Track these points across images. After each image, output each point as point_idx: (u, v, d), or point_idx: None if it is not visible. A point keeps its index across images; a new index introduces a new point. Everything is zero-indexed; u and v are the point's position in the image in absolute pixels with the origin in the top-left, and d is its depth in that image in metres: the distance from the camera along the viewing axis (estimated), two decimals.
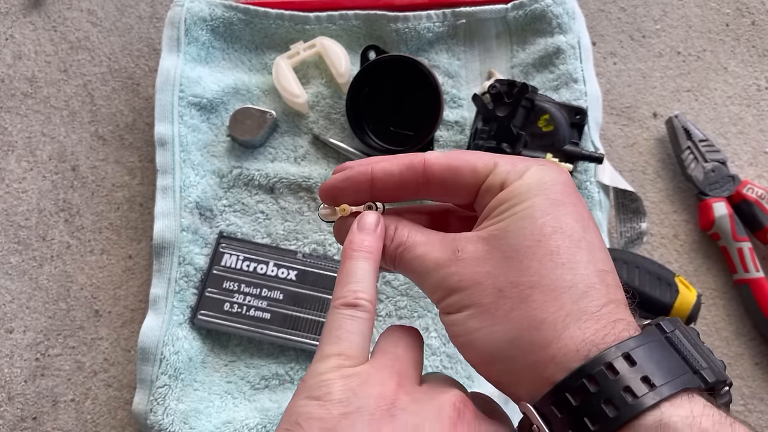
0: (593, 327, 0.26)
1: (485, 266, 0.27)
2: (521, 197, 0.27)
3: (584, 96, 0.55)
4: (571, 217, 0.27)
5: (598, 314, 0.26)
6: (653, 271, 0.48)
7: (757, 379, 0.56)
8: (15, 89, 0.62)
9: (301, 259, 0.54)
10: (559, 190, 0.28)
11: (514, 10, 0.58)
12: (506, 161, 0.29)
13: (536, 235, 0.27)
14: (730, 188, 0.57)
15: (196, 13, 0.57)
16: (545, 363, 0.25)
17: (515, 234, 0.27)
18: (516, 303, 0.26)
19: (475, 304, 0.27)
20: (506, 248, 0.27)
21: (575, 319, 0.26)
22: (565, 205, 0.28)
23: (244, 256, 0.54)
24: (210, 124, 0.57)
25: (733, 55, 0.63)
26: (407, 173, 0.29)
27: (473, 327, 0.27)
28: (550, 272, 0.26)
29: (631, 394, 0.24)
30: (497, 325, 0.26)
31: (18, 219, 0.59)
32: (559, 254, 0.26)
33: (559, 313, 0.26)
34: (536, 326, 0.26)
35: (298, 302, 0.53)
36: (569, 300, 0.26)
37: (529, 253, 0.26)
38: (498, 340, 0.26)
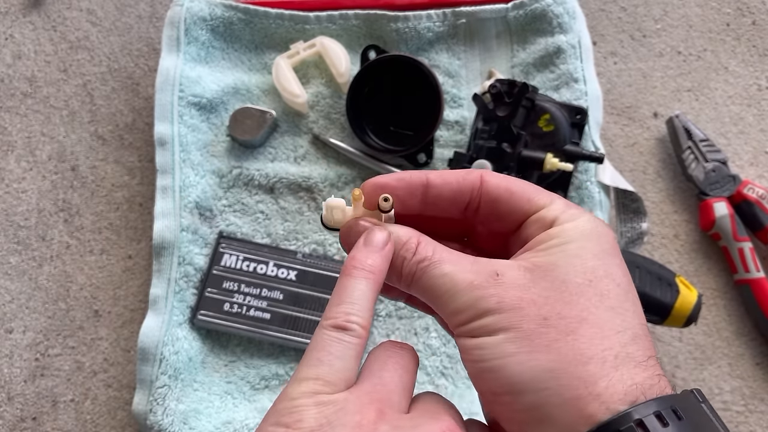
0: (642, 375, 0.24)
1: (529, 293, 0.25)
2: (573, 238, 0.27)
3: (585, 96, 0.55)
4: (620, 269, 0.27)
5: (645, 364, 0.25)
6: (654, 271, 0.48)
7: (758, 380, 0.56)
8: (15, 89, 0.62)
9: (301, 259, 0.54)
10: (610, 243, 0.27)
11: (515, 9, 0.57)
12: (563, 202, 0.28)
13: (588, 274, 0.26)
14: (731, 188, 0.57)
15: (196, 12, 0.57)
16: (589, 400, 0.24)
17: (565, 269, 0.26)
18: (562, 334, 0.25)
19: (515, 327, 0.25)
20: (554, 280, 0.26)
21: (623, 362, 0.24)
22: (615, 257, 0.27)
23: (244, 256, 0.54)
24: (210, 124, 0.57)
25: (734, 55, 0.63)
26: (464, 183, 0.28)
27: (508, 351, 0.25)
28: (602, 312, 0.25)
29: None
30: (538, 353, 0.24)
31: (17, 219, 0.59)
32: (609, 297, 0.26)
33: (609, 353, 0.24)
34: (584, 361, 0.24)
35: (298, 302, 0.53)
36: (618, 342, 0.25)
37: (579, 290, 0.25)
38: (536, 368, 0.24)
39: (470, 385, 0.51)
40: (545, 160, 0.49)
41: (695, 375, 0.56)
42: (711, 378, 0.56)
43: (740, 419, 0.55)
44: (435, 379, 0.52)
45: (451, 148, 0.56)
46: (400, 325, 0.54)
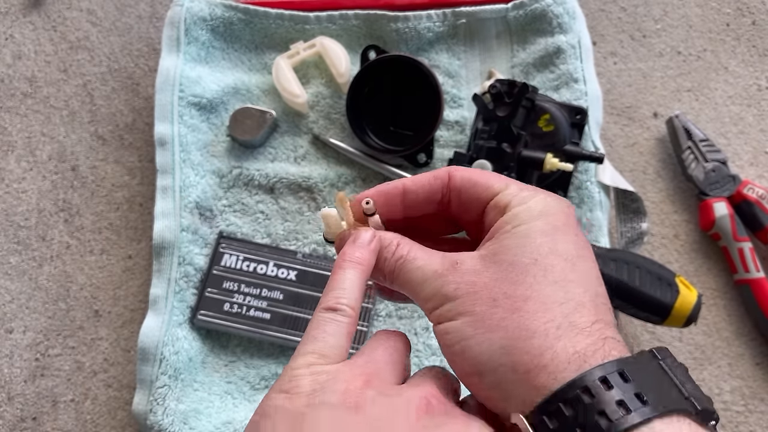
0: (584, 341, 0.27)
1: (481, 277, 0.28)
2: (523, 220, 0.29)
3: (585, 96, 0.55)
4: (568, 243, 0.29)
5: (588, 330, 0.27)
6: (654, 271, 0.48)
7: (757, 380, 0.56)
8: (15, 89, 0.62)
9: (301, 259, 0.54)
10: (560, 219, 0.30)
11: (515, 9, 0.57)
12: (517, 186, 0.31)
13: (533, 253, 0.28)
14: (731, 188, 0.57)
15: (196, 12, 0.57)
16: (537, 372, 0.26)
17: (513, 251, 0.29)
18: (508, 312, 0.27)
19: (469, 312, 0.28)
20: (503, 263, 0.28)
21: (566, 332, 0.27)
22: (564, 232, 0.29)
23: (244, 257, 0.54)
24: (210, 124, 0.57)
25: (734, 55, 0.63)
26: (434, 182, 0.32)
27: (467, 334, 0.28)
28: (544, 287, 0.28)
29: (624, 408, 0.25)
30: (490, 333, 0.27)
31: (18, 219, 0.59)
32: (553, 272, 0.28)
33: (551, 324, 0.27)
34: (528, 335, 0.26)
35: (298, 302, 0.53)
36: (560, 314, 0.27)
37: (525, 269, 0.28)
38: (491, 347, 0.27)
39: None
40: (545, 160, 0.49)
41: (695, 375, 0.56)
42: (711, 378, 0.56)
43: (740, 419, 0.55)
44: None
45: (451, 148, 0.56)
46: (400, 324, 0.54)
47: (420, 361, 0.53)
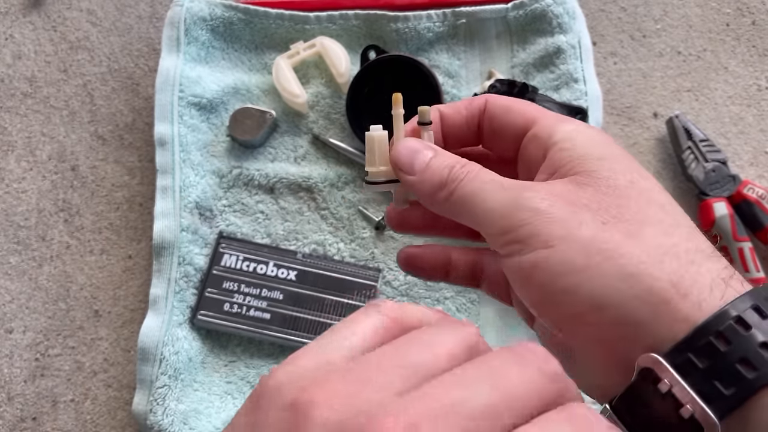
0: (717, 266, 0.22)
1: (580, 197, 0.24)
2: (591, 149, 0.26)
3: (585, 96, 0.55)
4: (642, 170, 0.26)
5: (715, 255, 0.23)
6: None
7: None
8: (15, 89, 0.62)
9: (300, 260, 0.54)
10: (616, 144, 0.27)
11: (515, 9, 0.57)
12: (554, 116, 0.27)
13: (626, 175, 0.25)
14: (731, 188, 0.57)
15: (196, 12, 0.57)
16: (678, 300, 0.22)
17: (605, 174, 0.24)
18: (625, 236, 0.23)
19: (574, 236, 0.23)
20: (599, 185, 0.24)
21: (696, 255, 0.22)
22: (630, 159, 0.26)
23: (244, 257, 0.54)
24: (210, 124, 0.57)
25: (734, 55, 0.63)
26: (471, 107, 0.29)
27: (577, 264, 0.22)
28: (654, 210, 0.24)
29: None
30: (610, 260, 0.22)
31: (17, 219, 0.59)
32: (653, 196, 0.25)
33: (679, 248, 0.22)
34: (658, 259, 0.22)
35: (298, 302, 0.53)
36: (681, 237, 0.23)
37: (626, 192, 0.24)
38: (615, 277, 0.22)
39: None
40: None
41: None
42: None
43: None
44: None
45: None
46: None
47: None
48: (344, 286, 0.53)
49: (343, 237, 0.56)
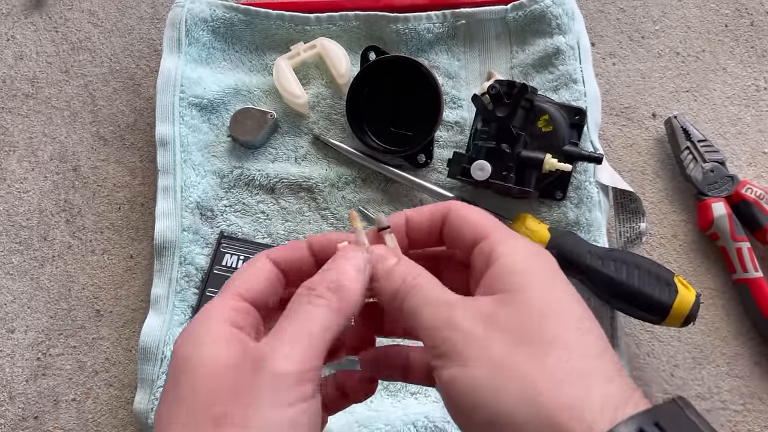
0: (615, 389, 0.24)
1: (499, 316, 0.26)
2: (522, 268, 0.28)
3: (583, 96, 0.55)
4: (569, 292, 0.28)
5: (617, 377, 0.25)
6: (652, 271, 0.49)
7: (755, 379, 0.56)
8: (16, 90, 0.62)
9: None
10: (554, 264, 0.29)
11: (514, 11, 0.58)
12: (502, 232, 0.30)
13: (545, 298, 0.27)
14: (729, 188, 0.58)
15: (197, 14, 0.57)
16: (571, 424, 0.23)
17: (526, 295, 0.27)
18: (533, 358, 0.25)
19: (486, 356, 0.25)
20: (519, 306, 0.26)
21: (595, 380, 0.25)
22: (562, 280, 0.28)
23: (245, 256, 0.54)
24: (211, 125, 0.57)
25: (732, 56, 0.63)
26: (435, 213, 0.31)
27: (482, 382, 0.25)
28: (566, 332, 0.26)
29: None
30: (513, 381, 0.25)
31: (19, 219, 0.59)
32: (570, 318, 0.26)
33: (579, 372, 0.25)
34: (558, 384, 0.24)
35: None
36: (586, 360, 0.25)
37: (543, 313, 0.26)
38: (515, 398, 0.24)
39: None
40: (544, 160, 0.49)
41: (694, 374, 0.56)
42: (709, 377, 0.56)
43: (739, 418, 0.56)
44: None
45: (450, 149, 0.57)
46: None
47: None
48: None
49: None
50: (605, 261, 0.49)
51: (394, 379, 0.33)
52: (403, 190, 0.57)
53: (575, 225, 0.54)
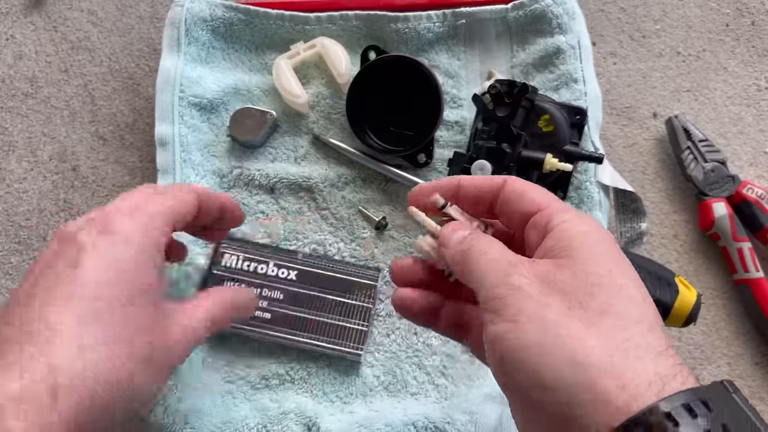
0: (663, 364, 0.25)
1: (557, 279, 0.27)
2: (584, 240, 0.28)
3: (584, 96, 0.55)
4: (628, 263, 0.29)
5: (665, 352, 0.25)
6: (653, 271, 0.49)
7: (757, 379, 0.56)
8: (16, 89, 0.62)
9: (301, 260, 0.54)
10: (612, 239, 0.30)
11: (515, 10, 0.58)
12: (560, 205, 0.30)
13: (607, 266, 0.27)
14: (730, 188, 0.57)
15: (197, 13, 0.57)
16: (617, 393, 0.24)
17: (587, 262, 0.27)
18: (585, 324, 0.25)
19: (539, 316, 0.26)
20: (578, 272, 0.27)
21: (645, 352, 0.25)
22: (621, 255, 0.29)
23: (244, 256, 0.54)
24: (210, 125, 0.57)
25: (733, 55, 0.63)
26: (488, 183, 0.32)
27: (532, 341, 0.25)
28: (620, 302, 0.26)
29: None
30: (563, 346, 0.25)
31: (18, 219, 0.59)
32: (626, 289, 0.27)
33: (630, 343, 0.25)
34: (608, 353, 0.24)
35: (299, 302, 0.53)
36: (638, 332, 0.25)
37: (600, 281, 0.26)
38: (563, 362, 0.25)
39: (471, 385, 0.52)
40: (545, 160, 0.49)
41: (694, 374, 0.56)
42: (710, 377, 0.56)
43: None
44: (435, 379, 0.53)
45: (451, 149, 0.56)
46: (400, 324, 0.54)
47: (419, 360, 0.53)
48: (345, 286, 0.53)
49: (344, 237, 0.56)
50: None
51: (422, 324, 0.34)
52: (403, 190, 0.57)
53: None
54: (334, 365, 0.53)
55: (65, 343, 0.29)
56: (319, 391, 0.53)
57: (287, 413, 0.50)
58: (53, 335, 0.29)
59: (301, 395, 0.52)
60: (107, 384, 0.30)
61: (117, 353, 0.31)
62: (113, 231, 0.33)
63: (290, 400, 0.51)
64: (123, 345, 0.31)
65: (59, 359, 0.29)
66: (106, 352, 0.30)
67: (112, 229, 0.33)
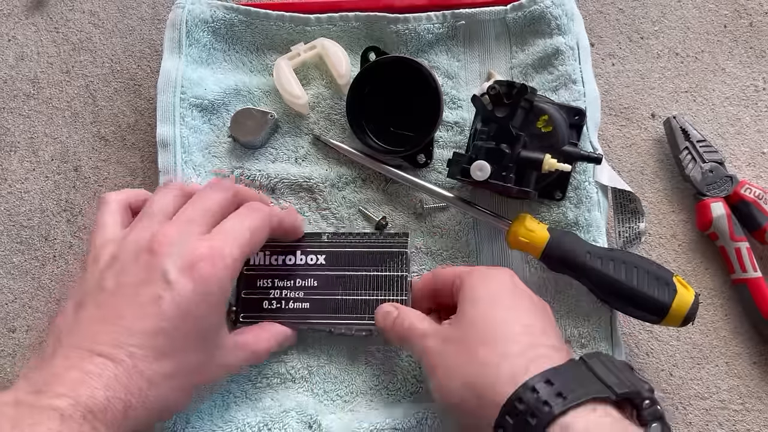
0: (518, 363, 0.37)
1: (449, 337, 0.42)
2: (472, 293, 0.43)
3: (583, 97, 0.55)
4: (504, 297, 0.43)
5: (521, 355, 0.38)
6: (651, 271, 0.49)
7: (755, 378, 0.57)
8: (17, 90, 0.62)
9: (327, 242, 0.53)
10: (499, 282, 0.44)
11: (514, 11, 0.58)
12: (464, 271, 0.46)
13: (480, 311, 0.42)
14: (728, 188, 0.58)
15: (197, 14, 0.57)
16: (491, 395, 0.36)
17: (468, 313, 0.42)
18: (467, 358, 0.39)
19: (442, 365, 0.41)
20: (462, 324, 0.42)
21: (504, 360, 0.38)
22: (501, 291, 0.43)
23: (270, 251, 0.53)
24: (211, 125, 0.57)
25: (731, 56, 0.63)
26: (424, 280, 0.51)
27: (440, 381, 0.41)
28: (488, 333, 0.40)
29: (547, 406, 0.34)
30: (457, 379, 0.39)
31: (20, 219, 0.59)
32: (494, 322, 0.41)
33: (495, 359, 0.38)
34: (482, 372, 0.38)
35: (334, 285, 0.52)
36: (500, 349, 0.38)
37: (473, 325, 0.41)
38: (458, 387, 0.39)
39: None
40: (543, 160, 0.49)
41: (693, 374, 0.57)
42: (708, 377, 0.57)
43: (738, 418, 0.56)
44: None
45: (450, 149, 0.57)
46: None
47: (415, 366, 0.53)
48: (375, 259, 0.52)
49: None
50: (604, 261, 0.49)
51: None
52: (403, 190, 0.57)
53: (574, 225, 0.54)
54: (334, 363, 0.53)
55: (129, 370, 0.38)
56: (320, 389, 0.53)
57: (288, 411, 0.50)
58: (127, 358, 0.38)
59: (302, 394, 0.53)
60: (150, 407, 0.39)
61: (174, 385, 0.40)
62: (195, 276, 0.40)
63: (291, 399, 0.52)
64: (180, 379, 0.40)
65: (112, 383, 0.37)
66: (168, 384, 0.40)
67: (196, 273, 0.40)
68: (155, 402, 0.38)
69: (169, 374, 0.39)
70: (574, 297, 0.54)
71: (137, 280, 0.40)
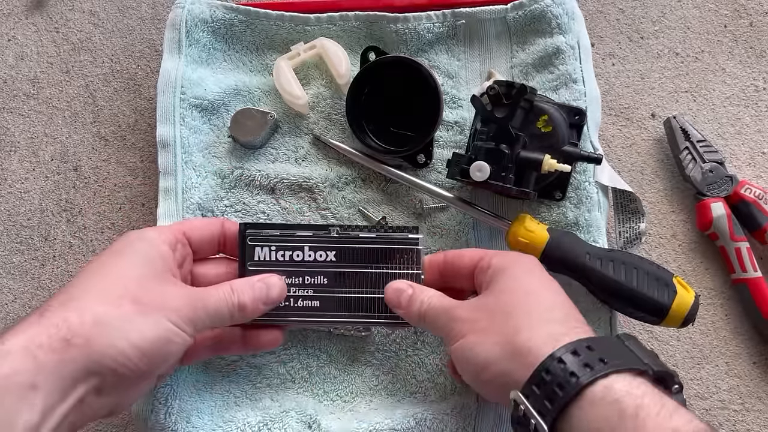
0: (556, 328, 0.38)
1: (480, 304, 0.43)
2: (503, 269, 0.43)
3: (583, 96, 0.55)
4: (535, 278, 0.43)
5: (559, 321, 0.39)
6: (651, 271, 0.49)
7: (755, 378, 0.57)
8: (17, 90, 0.62)
9: (336, 237, 0.50)
10: (528, 264, 0.44)
11: (514, 10, 0.58)
12: (490, 252, 0.46)
13: (515, 284, 0.42)
14: (728, 188, 0.58)
15: (197, 14, 0.57)
16: (525, 353, 0.37)
17: (501, 284, 0.43)
18: (502, 321, 0.40)
19: (475, 329, 0.41)
20: (495, 292, 0.42)
21: (542, 324, 0.39)
22: (531, 272, 0.44)
23: (277, 246, 0.50)
24: (211, 126, 0.57)
25: (731, 56, 0.63)
26: (432, 263, 0.49)
27: (474, 342, 0.40)
28: (524, 300, 0.41)
29: (589, 368, 0.35)
30: (491, 339, 0.40)
31: (20, 219, 0.59)
32: (529, 291, 0.42)
33: (531, 322, 0.39)
34: (516, 333, 0.39)
35: (344, 283, 0.49)
36: (537, 315, 0.40)
37: (511, 293, 0.42)
38: (493, 347, 0.39)
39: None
40: (543, 161, 0.49)
41: (693, 374, 0.57)
42: (708, 377, 0.57)
43: (738, 418, 0.56)
44: (434, 378, 0.53)
45: (450, 149, 0.57)
46: None
47: (419, 359, 0.53)
48: (386, 256, 0.49)
49: None
50: (604, 261, 0.49)
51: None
52: (403, 190, 0.57)
53: (574, 225, 0.54)
54: (334, 363, 0.53)
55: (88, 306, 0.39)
56: (320, 390, 0.53)
57: (288, 411, 0.50)
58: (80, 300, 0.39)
59: (301, 394, 0.53)
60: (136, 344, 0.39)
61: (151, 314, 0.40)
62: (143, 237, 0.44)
63: (291, 399, 0.52)
64: (156, 310, 0.40)
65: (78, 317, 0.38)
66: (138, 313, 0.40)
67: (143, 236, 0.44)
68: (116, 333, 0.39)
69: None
70: (574, 297, 0.53)
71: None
